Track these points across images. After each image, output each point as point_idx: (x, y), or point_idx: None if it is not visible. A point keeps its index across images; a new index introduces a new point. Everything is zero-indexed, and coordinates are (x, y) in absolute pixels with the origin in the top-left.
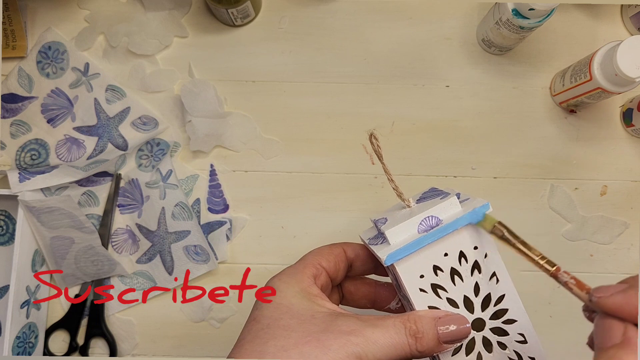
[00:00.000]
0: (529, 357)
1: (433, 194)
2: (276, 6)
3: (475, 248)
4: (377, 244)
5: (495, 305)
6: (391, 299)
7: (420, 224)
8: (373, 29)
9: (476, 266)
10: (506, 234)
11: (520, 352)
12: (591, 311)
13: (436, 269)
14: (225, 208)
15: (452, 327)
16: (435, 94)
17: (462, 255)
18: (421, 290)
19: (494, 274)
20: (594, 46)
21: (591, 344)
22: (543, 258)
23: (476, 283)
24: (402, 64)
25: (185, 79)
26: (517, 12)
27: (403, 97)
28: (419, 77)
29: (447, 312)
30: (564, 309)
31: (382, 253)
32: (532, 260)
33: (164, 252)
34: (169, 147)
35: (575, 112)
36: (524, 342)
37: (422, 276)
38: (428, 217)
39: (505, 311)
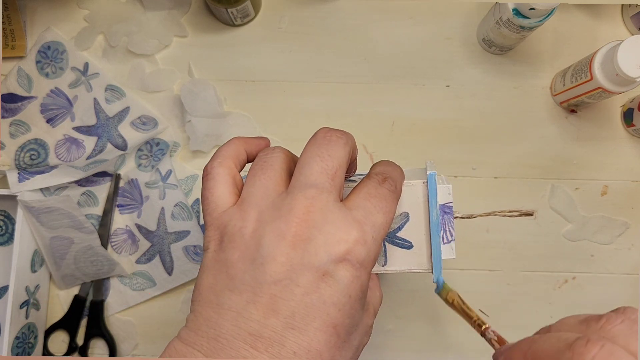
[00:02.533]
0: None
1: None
2: (276, 6)
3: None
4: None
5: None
6: None
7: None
8: (373, 28)
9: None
10: (456, 302)
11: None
12: None
13: None
14: None
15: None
16: (435, 93)
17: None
18: None
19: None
20: (594, 46)
21: None
22: (477, 320)
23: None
24: (402, 64)
25: (185, 79)
26: (517, 12)
27: (403, 97)
28: (419, 77)
29: None
30: (563, 310)
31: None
32: (470, 322)
33: (164, 252)
34: (169, 147)
35: (576, 111)
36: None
37: None
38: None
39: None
